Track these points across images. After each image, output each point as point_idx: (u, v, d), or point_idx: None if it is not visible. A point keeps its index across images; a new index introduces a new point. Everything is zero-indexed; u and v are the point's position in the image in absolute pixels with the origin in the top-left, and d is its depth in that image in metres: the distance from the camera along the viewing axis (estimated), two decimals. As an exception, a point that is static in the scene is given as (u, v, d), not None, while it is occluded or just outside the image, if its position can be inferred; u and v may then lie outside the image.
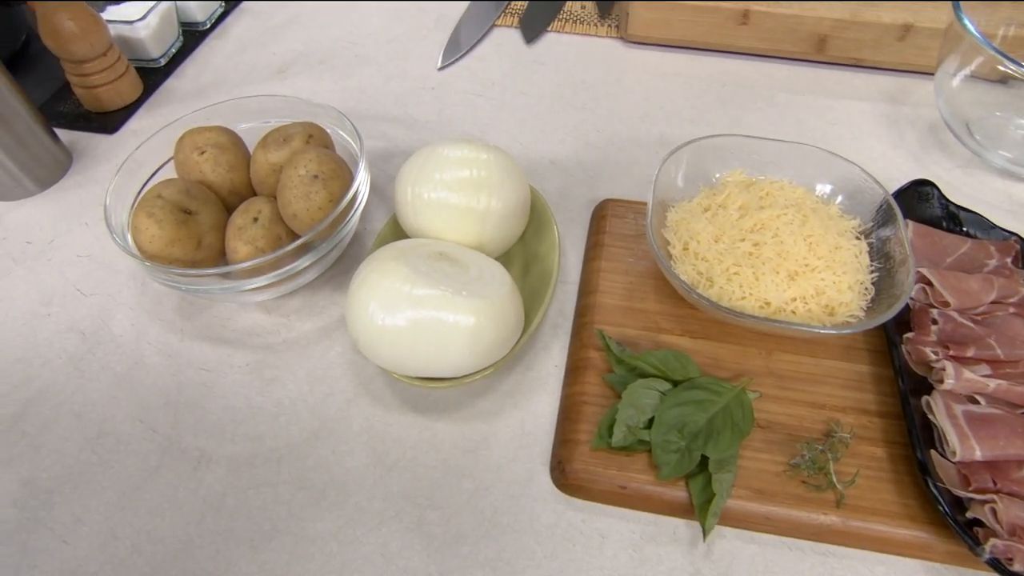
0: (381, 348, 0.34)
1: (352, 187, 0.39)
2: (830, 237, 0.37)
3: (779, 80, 0.58)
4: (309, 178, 0.38)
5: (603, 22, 0.64)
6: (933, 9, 0.55)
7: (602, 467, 0.34)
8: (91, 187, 0.52)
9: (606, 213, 0.46)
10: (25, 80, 0.57)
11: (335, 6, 0.69)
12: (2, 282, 0.46)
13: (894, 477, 0.33)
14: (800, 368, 0.37)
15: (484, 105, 0.56)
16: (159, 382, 0.40)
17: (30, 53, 0.62)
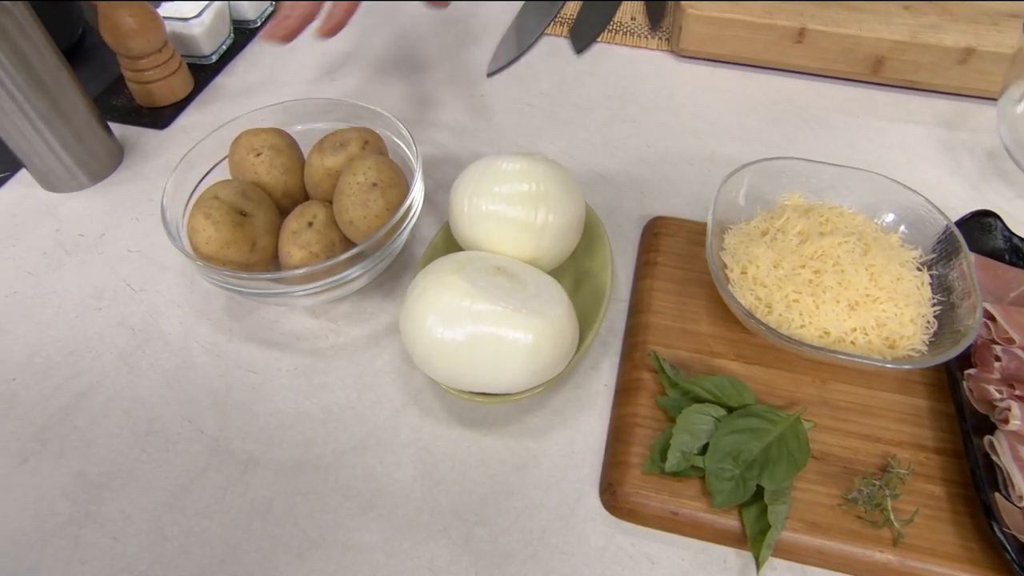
0: (437, 361, 0.34)
1: (409, 196, 0.39)
2: (892, 267, 0.36)
3: (831, 100, 0.57)
4: (368, 185, 0.38)
5: (653, 35, 0.64)
6: (996, 33, 0.54)
7: (654, 492, 0.33)
8: (141, 182, 0.52)
9: (658, 231, 0.45)
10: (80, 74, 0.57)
11: (386, 8, 0.69)
12: (55, 274, 0.46)
13: (954, 518, 0.32)
14: (855, 399, 0.37)
15: (534, 115, 0.56)
16: (207, 382, 0.40)
17: (85, 47, 0.63)
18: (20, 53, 0.44)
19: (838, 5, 0.57)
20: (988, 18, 0.56)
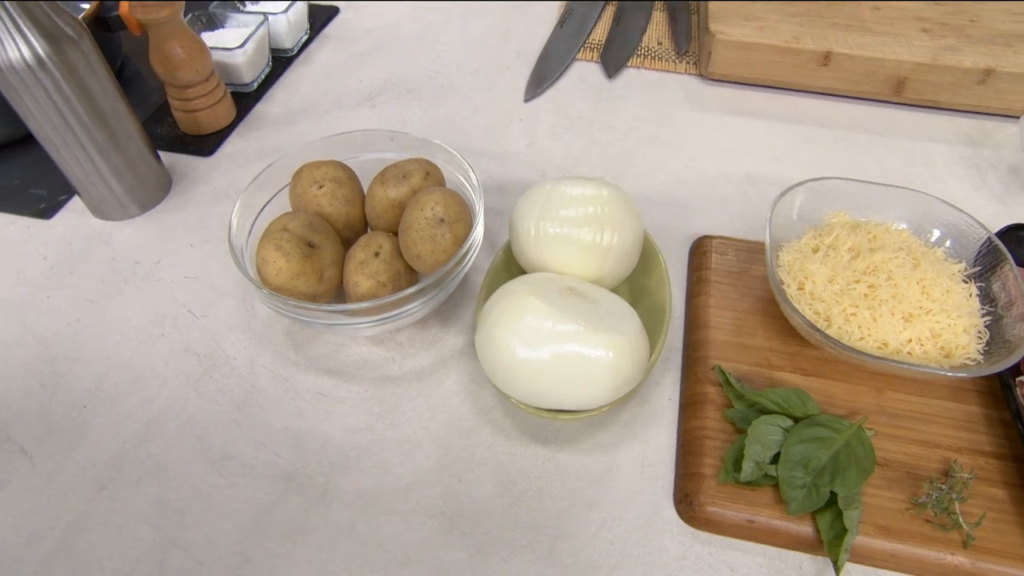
0: (520, 381, 0.35)
1: (474, 230, 0.40)
2: (942, 280, 0.38)
3: (857, 120, 0.60)
4: (436, 221, 0.39)
5: (680, 59, 0.66)
6: (1013, 55, 0.57)
7: (729, 501, 0.35)
8: (193, 209, 0.53)
9: (707, 249, 0.47)
10: (122, 103, 0.58)
11: (418, 35, 0.71)
12: (114, 301, 0.47)
13: (1019, 520, 0.34)
14: (911, 407, 0.38)
15: (572, 139, 0.58)
16: (277, 407, 0.41)
17: (125, 77, 0.64)
18: (84, 86, 0.45)
19: (861, 28, 0.60)
20: (1004, 40, 0.58)
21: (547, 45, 0.68)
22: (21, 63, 0.42)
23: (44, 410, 0.41)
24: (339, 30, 0.72)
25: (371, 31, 0.72)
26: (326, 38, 0.71)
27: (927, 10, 0.63)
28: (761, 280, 0.45)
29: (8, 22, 0.41)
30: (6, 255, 0.50)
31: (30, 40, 0.42)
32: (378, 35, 0.71)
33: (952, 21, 0.62)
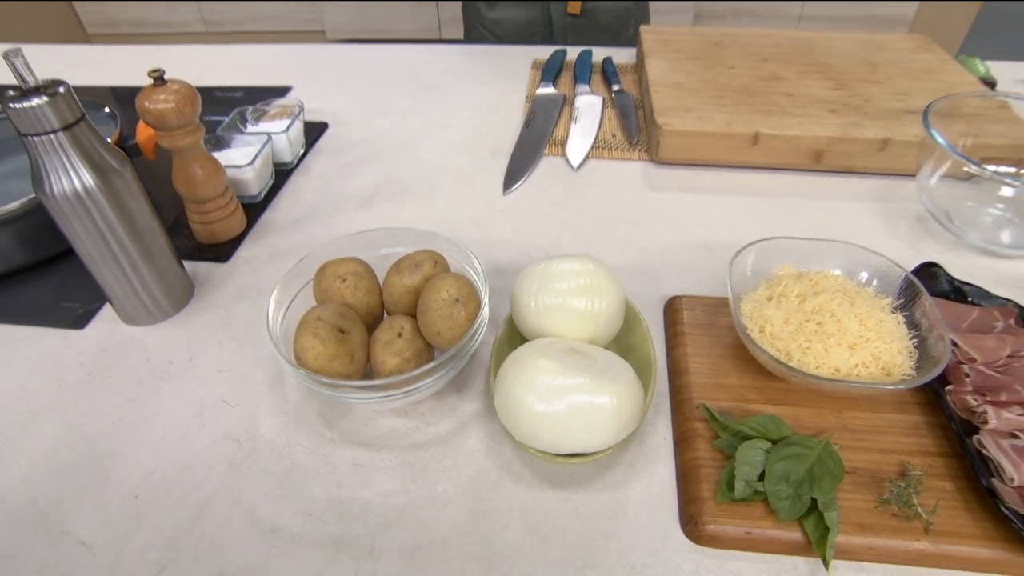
0: (539, 433, 0.41)
1: (484, 306, 0.47)
2: (875, 313, 0.46)
3: (788, 187, 0.70)
4: (451, 301, 0.46)
5: (633, 148, 0.77)
6: (901, 126, 0.68)
7: (728, 517, 0.40)
8: (217, 310, 0.59)
9: (679, 307, 0.54)
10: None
11: (401, 143, 0.80)
12: (153, 398, 0.51)
13: (966, 505, 0.40)
14: (867, 422, 0.45)
15: (549, 223, 0.66)
16: (318, 479, 0.45)
17: (141, 197, 0.71)
18: (126, 210, 0.51)
19: (781, 112, 0.72)
20: (893, 115, 0.71)
21: (517, 144, 0.78)
22: (73, 193, 0.48)
23: (98, 503, 0.44)
24: (331, 143, 0.81)
25: (359, 142, 0.81)
26: (320, 151, 0.79)
27: (830, 95, 0.76)
28: (728, 328, 0.52)
29: (64, 158, 0.48)
30: (46, 366, 0.54)
31: (81, 173, 0.48)
32: (366, 145, 0.80)
33: (851, 103, 0.74)
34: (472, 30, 1.26)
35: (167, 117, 0.56)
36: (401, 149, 0.80)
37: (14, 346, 0.56)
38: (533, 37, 1.21)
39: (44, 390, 0.52)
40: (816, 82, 0.79)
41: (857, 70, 0.82)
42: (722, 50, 0.89)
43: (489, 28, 1.23)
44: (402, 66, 1.02)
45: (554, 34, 1.21)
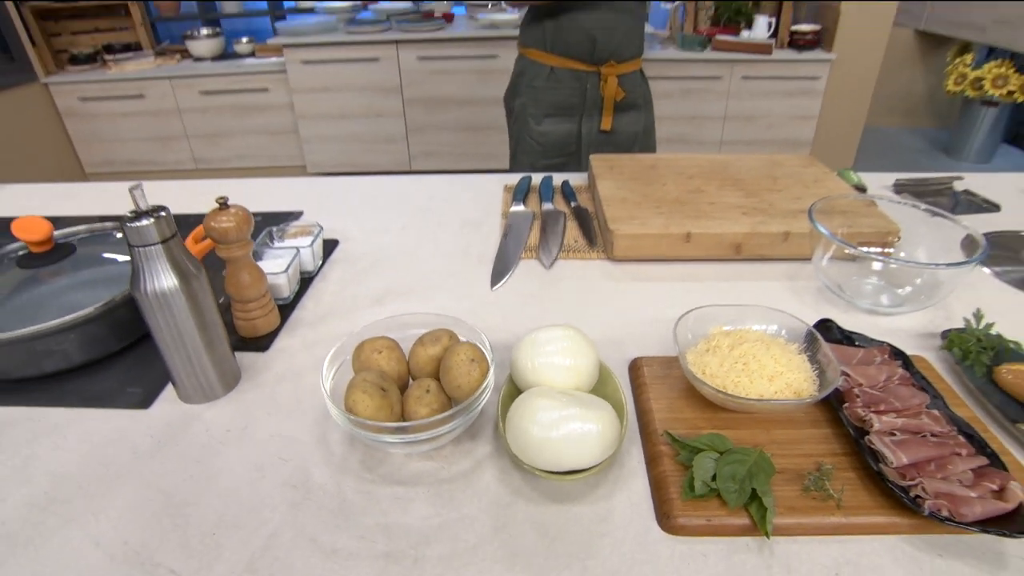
0: (543, 454, 0.53)
1: (492, 366, 0.61)
2: (787, 355, 0.62)
3: (715, 273, 0.88)
4: (468, 361, 0.60)
5: (592, 249, 0.95)
6: (797, 223, 0.89)
7: (692, 511, 0.53)
8: (261, 389, 0.70)
9: (640, 365, 0.69)
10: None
11: (402, 254, 0.96)
12: (218, 458, 0.61)
13: (863, 486, 0.54)
14: (788, 436, 0.59)
15: (531, 310, 0.82)
16: (366, 511, 0.56)
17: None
18: (199, 307, 0.64)
19: (706, 216, 0.91)
20: (791, 215, 0.91)
21: (499, 251, 0.95)
22: (161, 292, 0.61)
23: (182, 541, 0.53)
24: (343, 256, 0.96)
25: (366, 254, 0.97)
26: (334, 262, 0.95)
27: (742, 201, 0.97)
28: (679, 378, 0.67)
29: (158, 264, 0.61)
30: (119, 439, 0.64)
31: (169, 276, 0.62)
32: (372, 257, 0.96)
33: (759, 207, 0.95)
34: (521, 141, 1.59)
35: (228, 233, 0.71)
36: (402, 259, 0.96)
37: (89, 424, 0.66)
38: (568, 146, 1.55)
39: (120, 457, 0.62)
40: (731, 192, 1.01)
41: (762, 182, 1.04)
42: (656, 171, 1.11)
43: (536, 139, 1.56)
44: (395, 193, 1.20)
45: (582, 147, 1.52)
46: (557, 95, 1.53)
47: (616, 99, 1.50)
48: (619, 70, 1.49)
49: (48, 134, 3.21)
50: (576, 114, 1.54)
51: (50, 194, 1.27)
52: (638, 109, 1.59)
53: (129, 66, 3.23)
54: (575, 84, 1.50)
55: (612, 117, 1.53)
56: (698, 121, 3.18)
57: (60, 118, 3.25)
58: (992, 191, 1.15)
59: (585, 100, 1.51)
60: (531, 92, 1.56)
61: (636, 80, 1.56)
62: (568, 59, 1.48)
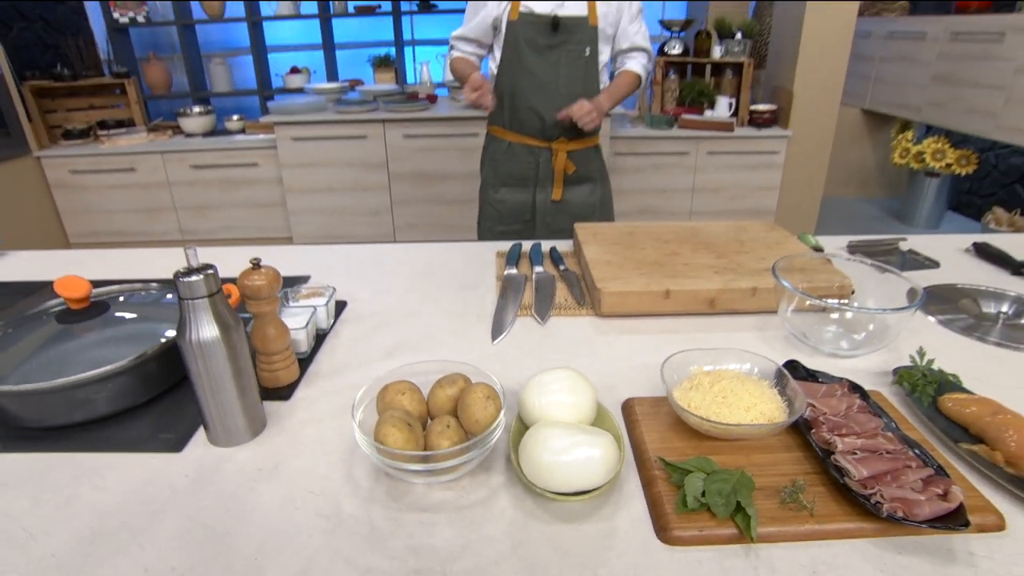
0: (554, 477, 0.61)
1: (504, 404, 0.69)
2: (760, 389, 0.71)
3: (694, 325, 0.98)
4: (484, 398, 0.68)
5: (581, 307, 1.04)
6: (764, 279, 1.00)
7: (685, 523, 0.60)
8: (287, 434, 0.76)
9: (632, 405, 0.77)
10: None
11: (407, 314, 1.04)
12: (252, 494, 0.67)
13: (832, 497, 0.62)
14: (765, 459, 0.67)
15: (528, 360, 0.90)
16: (395, 535, 0.62)
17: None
18: (236, 356, 0.71)
19: (682, 276, 1.02)
20: (758, 273, 1.03)
21: (496, 310, 1.04)
22: (204, 341, 0.69)
23: (226, 565, 0.58)
24: (351, 315, 1.04)
25: (373, 314, 1.05)
26: (344, 321, 1.02)
27: (714, 262, 1.08)
28: (667, 414, 0.75)
29: (203, 315, 0.69)
30: (156, 479, 0.69)
31: (212, 327, 0.69)
32: (379, 316, 1.04)
33: (729, 266, 1.06)
34: (483, 208, 1.81)
35: (261, 290, 0.79)
36: (407, 318, 1.04)
37: (126, 467, 0.71)
38: (523, 213, 1.76)
39: (159, 494, 0.67)
40: (703, 255, 1.12)
41: (730, 245, 1.16)
42: (635, 237, 1.22)
43: (494, 206, 1.77)
44: (394, 259, 1.30)
45: (536, 215, 1.68)
46: (513, 167, 1.74)
47: (567, 172, 1.70)
48: (570, 147, 1.70)
49: (34, 205, 3.27)
50: (530, 185, 1.74)
51: (53, 260, 1.34)
52: (592, 182, 1.78)
53: (122, 141, 3.35)
54: (529, 158, 1.70)
55: (563, 189, 1.71)
56: (668, 193, 3.39)
57: (49, 190, 3.32)
58: (933, 251, 1.29)
59: (538, 172, 1.71)
60: (492, 164, 1.78)
61: (589, 156, 1.76)
62: (523, 135, 1.70)
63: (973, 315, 1.02)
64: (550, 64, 1.64)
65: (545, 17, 1.60)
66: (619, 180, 3.30)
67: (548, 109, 1.64)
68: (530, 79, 1.65)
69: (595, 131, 1.73)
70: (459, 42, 1.75)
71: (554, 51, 1.63)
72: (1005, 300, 1.05)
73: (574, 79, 1.65)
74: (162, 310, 0.94)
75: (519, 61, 1.64)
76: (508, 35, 1.64)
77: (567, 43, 1.63)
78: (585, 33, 1.63)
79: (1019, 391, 0.80)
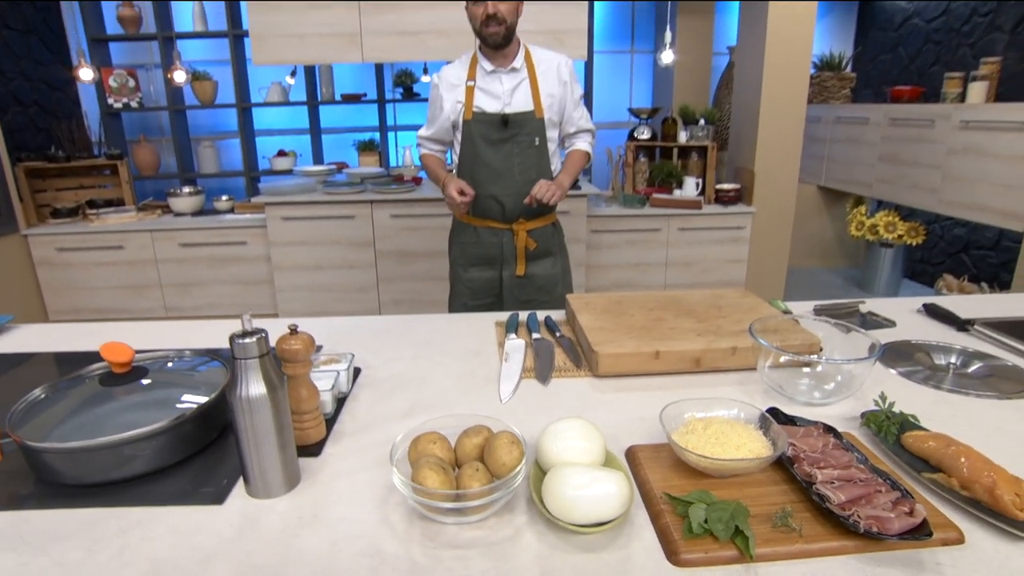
0: (575, 510, 0.69)
1: (526, 448, 0.77)
2: (747, 431, 0.81)
3: (683, 383, 1.08)
4: (509, 443, 0.76)
5: (579, 369, 1.14)
6: (742, 340, 1.12)
7: (692, 547, 0.68)
8: (320, 486, 0.83)
9: (636, 451, 0.86)
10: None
11: (419, 378, 1.13)
12: (296, 539, 0.73)
13: (816, 520, 0.71)
14: (756, 492, 0.76)
15: (536, 415, 0.99)
16: (434, 568, 0.68)
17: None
18: (279, 412, 0.79)
19: (668, 338, 1.13)
20: (735, 334, 1.14)
21: (502, 372, 1.14)
22: (253, 397, 0.76)
23: (283, 602, 0.64)
24: (366, 380, 1.12)
25: (387, 379, 1.13)
26: (360, 385, 1.10)
27: (696, 326, 1.20)
28: (668, 456, 0.84)
29: (253, 373, 0.77)
30: (203, 528, 0.74)
31: (260, 385, 0.77)
32: (393, 381, 1.12)
33: (710, 329, 1.18)
34: (455, 285, 1.96)
35: (297, 354, 0.87)
36: (418, 382, 1.12)
37: (171, 519, 0.76)
38: (493, 289, 1.91)
39: (208, 542, 0.72)
40: (686, 320, 1.24)
41: (709, 311, 1.29)
42: (623, 306, 1.34)
43: (466, 284, 1.92)
44: (399, 330, 1.39)
45: (504, 290, 1.80)
46: (480, 249, 1.92)
47: (528, 249, 1.85)
48: (529, 226, 1.89)
49: (16, 282, 3.29)
50: (497, 263, 1.91)
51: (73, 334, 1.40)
52: (553, 256, 1.95)
53: (112, 219, 3.43)
54: (493, 239, 1.88)
55: (526, 264, 1.86)
56: (643, 267, 3.57)
57: (32, 267, 3.36)
58: (889, 312, 1.44)
59: (503, 251, 1.87)
60: (460, 247, 1.96)
61: (548, 232, 1.94)
62: (486, 220, 1.87)
63: (927, 367, 1.14)
64: (505, 155, 1.83)
65: (495, 115, 1.81)
66: (596, 256, 3.48)
67: (507, 195, 1.84)
68: (488, 170, 1.84)
69: (552, 209, 1.92)
70: (425, 141, 1.99)
71: (507, 143, 1.83)
72: (953, 353, 1.19)
73: (528, 166, 1.85)
74: (196, 376, 1.01)
75: (476, 155, 1.84)
76: (464, 132, 1.84)
77: (518, 135, 1.83)
78: (533, 125, 1.83)
79: (969, 428, 0.92)
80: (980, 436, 0.88)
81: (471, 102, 1.81)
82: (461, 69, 1.85)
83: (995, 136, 3.08)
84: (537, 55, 1.86)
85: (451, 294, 2.02)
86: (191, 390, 0.96)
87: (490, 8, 1.68)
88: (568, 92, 1.87)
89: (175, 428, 0.86)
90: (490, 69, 1.81)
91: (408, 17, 3.24)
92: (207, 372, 1.01)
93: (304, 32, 3.26)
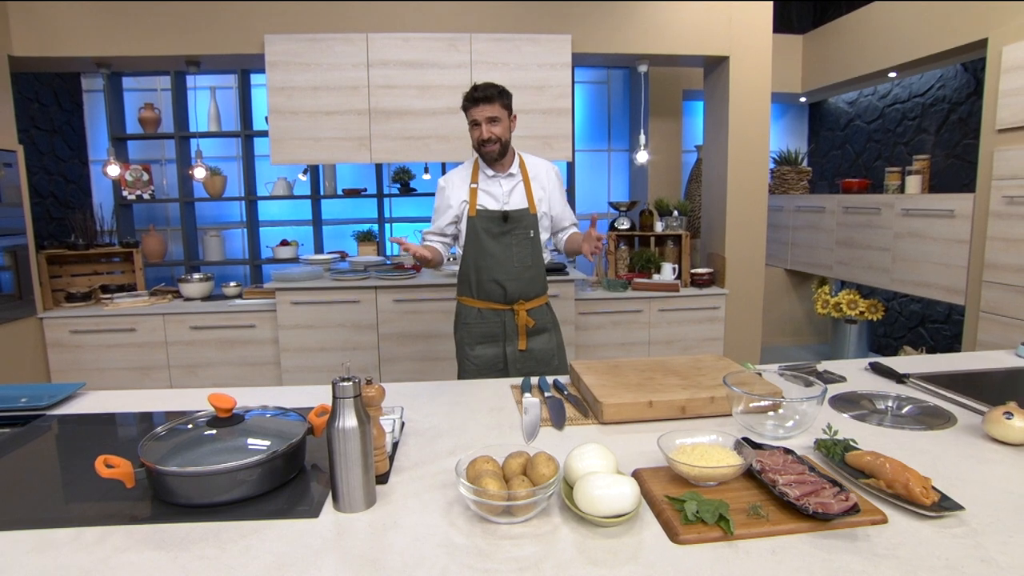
0: (602, 505, 0.92)
1: (561, 464, 1.01)
2: (725, 451, 1.06)
3: (671, 427, 1.33)
4: (547, 460, 1.00)
5: (587, 418, 1.39)
6: (719, 391, 1.38)
7: (688, 531, 0.91)
8: (394, 504, 1.04)
9: (640, 472, 1.10)
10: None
11: (451, 428, 1.36)
12: (385, 538, 0.94)
13: (780, 510, 0.94)
14: (734, 494, 1.00)
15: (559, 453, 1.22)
16: (496, 552, 0.89)
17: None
18: (366, 442, 1.02)
19: (659, 392, 1.39)
20: (713, 386, 1.40)
21: (524, 423, 1.37)
22: (347, 428, 0.99)
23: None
24: (411, 430, 1.35)
25: (428, 429, 1.36)
26: (407, 433, 1.33)
27: (681, 382, 1.46)
28: (665, 474, 1.07)
29: (348, 409, 1.00)
30: (306, 536, 0.95)
31: (352, 419, 1.00)
32: (433, 430, 1.35)
33: (692, 384, 1.44)
34: (462, 363, 2.18)
35: (374, 399, 1.11)
36: (456, 430, 1.35)
37: (275, 530, 0.97)
38: (497, 364, 2.14)
39: (314, 543, 0.93)
40: (672, 378, 1.50)
41: (691, 371, 1.55)
42: (619, 369, 1.60)
43: (472, 361, 2.15)
44: (431, 392, 1.63)
45: (508, 364, 2.02)
46: (484, 328, 2.18)
47: (528, 326, 2.11)
48: (527, 306, 2.17)
49: (28, 363, 3.43)
50: (500, 340, 2.17)
51: (133, 398, 1.60)
52: (548, 332, 2.22)
53: (125, 303, 3.64)
54: (496, 319, 2.15)
55: (526, 340, 2.11)
56: (627, 346, 3.85)
57: (44, 348, 3.52)
58: (841, 370, 1.71)
59: (505, 330, 2.13)
60: (465, 328, 2.22)
61: (543, 311, 2.23)
62: (489, 302, 2.14)
63: (870, 410, 1.41)
64: (504, 245, 2.15)
65: (497, 212, 2.14)
66: (584, 336, 3.76)
67: (508, 280, 2.13)
68: (490, 259, 2.14)
69: (544, 290, 2.23)
70: (430, 235, 2.27)
71: (506, 235, 2.15)
72: (891, 399, 1.46)
73: (524, 255, 2.16)
74: (280, 424, 1.23)
75: (480, 245, 2.14)
76: (469, 227, 2.16)
77: (516, 229, 2.15)
78: (529, 220, 2.16)
79: (899, 450, 1.17)
80: (906, 455, 1.14)
81: (475, 201, 2.14)
82: (465, 173, 2.20)
83: (931, 222, 3.51)
84: (529, 161, 2.21)
85: (459, 371, 2.25)
86: (275, 436, 1.18)
87: (485, 133, 2.04)
88: (556, 192, 2.23)
89: (271, 461, 1.07)
90: (491, 174, 2.15)
91: (413, 124, 3.66)
92: (287, 422, 1.23)
93: (319, 136, 3.65)
